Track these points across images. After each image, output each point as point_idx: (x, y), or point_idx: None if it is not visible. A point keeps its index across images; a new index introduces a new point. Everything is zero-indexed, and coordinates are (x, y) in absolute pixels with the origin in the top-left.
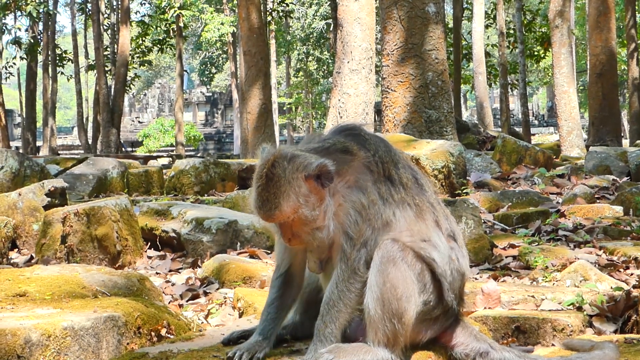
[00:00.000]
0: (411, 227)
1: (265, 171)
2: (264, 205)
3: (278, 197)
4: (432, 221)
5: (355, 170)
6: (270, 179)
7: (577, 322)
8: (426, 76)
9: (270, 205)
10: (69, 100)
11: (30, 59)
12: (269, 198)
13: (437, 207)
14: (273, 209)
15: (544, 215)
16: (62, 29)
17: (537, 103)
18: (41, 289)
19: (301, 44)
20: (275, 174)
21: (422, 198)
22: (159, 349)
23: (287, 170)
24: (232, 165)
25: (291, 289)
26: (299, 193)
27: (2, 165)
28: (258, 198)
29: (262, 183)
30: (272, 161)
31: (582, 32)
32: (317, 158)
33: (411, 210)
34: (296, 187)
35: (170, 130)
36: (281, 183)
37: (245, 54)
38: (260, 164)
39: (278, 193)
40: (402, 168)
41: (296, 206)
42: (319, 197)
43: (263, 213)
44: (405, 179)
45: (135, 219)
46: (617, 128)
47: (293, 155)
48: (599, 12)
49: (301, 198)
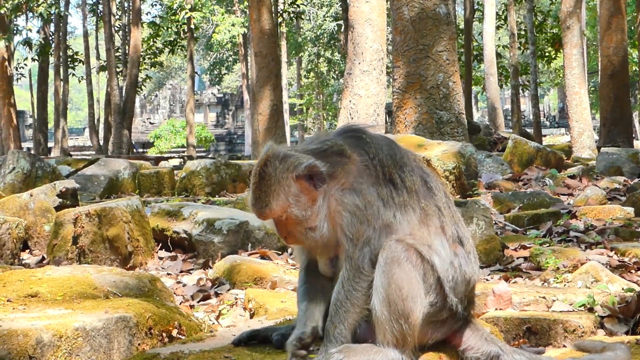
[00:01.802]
0: (414, 232)
1: (258, 169)
2: (257, 203)
3: (268, 196)
4: (436, 227)
5: (351, 172)
6: (262, 178)
7: (589, 324)
8: (437, 77)
9: (261, 203)
10: (81, 101)
11: (42, 60)
12: (260, 196)
13: (445, 211)
14: (264, 207)
15: (555, 217)
16: (74, 30)
17: (548, 104)
18: (53, 290)
19: (312, 45)
20: (266, 173)
21: (429, 202)
22: (170, 349)
23: (278, 170)
24: (243, 166)
25: (317, 277)
26: (288, 193)
27: (14, 166)
28: (252, 195)
29: (255, 181)
30: (264, 160)
31: (594, 33)
32: (309, 159)
33: (415, 214)
34: (285, 187)
35: (182, 131)
36: (272, 182)
37: (256, 55)
38: (257, 162)
39: (269, 191)
40: (409, 171)
41: (285, 205)
42: (310, 198)
43: (255, 210)
44: (410, 182)
45: (146, 219)
46: (629, 129)
47: (285, 155)
48: (610, 13)
49: (291, 197)
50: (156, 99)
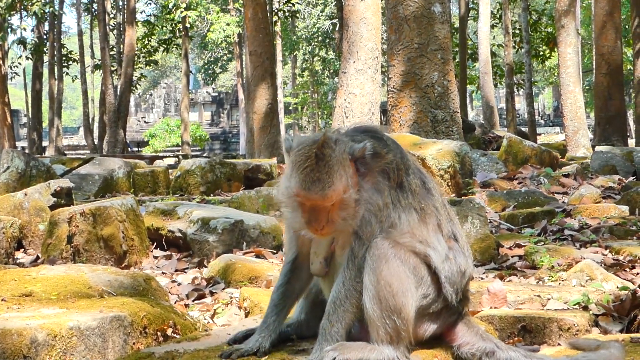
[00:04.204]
0: (413, 231)
1: (315, 151)
2: (316, 185)
3: (331, 176)
4: (434, 225)
5: (376, 172)
6: (321, 159)
7: (583, 322)
8: (432, 76)
9: (323, 185)
10: (75, 100)
11: (36, 59)
12: (320, 177)
13: (441, 210)
14: (327, 187)
15: (550, 215)
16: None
17: (543, 103)
18: (47, 289)
19: (307, 43)
20: (325, 154)
21: (428, 202)
22: (165, 348)
23: (337, 151)
24: (238, 165)
25: (299, 276)
26: (348, 174)
27: (8, 165)
28: (306, 178)
29: (311, 163)
30: (322, 141)
31: (588, 32)
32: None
33: (417, 214)
34: (346, 167)
35: (176, 130)
36: (333, 162)
37: (251, 54)
38: (303, 147)
39: (331, 172)
40: (412, 174)
41: (346, 186)
42: (355, 183)
43: (315, 193)
44: (414, 185)
45: (141, 219)
46: (623, 128)
47: (337, 138)
48: (605, 11)
49: (350, 179)
50: (151, 98)
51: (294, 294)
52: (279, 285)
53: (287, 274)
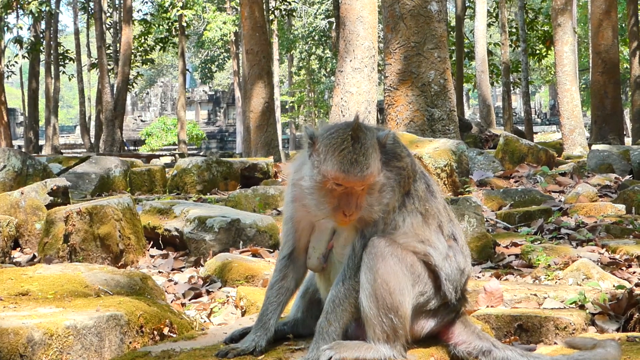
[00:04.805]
0: (415, 231)
1: (351, 134)
2: (354, 166)
3: (368, 159)
4: (435, 225)
5: (391, 173)
6: (357, 141)
7: (580, 321)
8: (429, 75)
9: (362, 166)
10: (72, 99)
11: (33, 58)
12: (358, 159)
13: (442, 212)
14: (365, 169)
15: (546, 214)
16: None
17: (539, 101)
18: (44, 288)
19: (303, 42)
20: (361, 137)
21: (432, 205)
22: (161, 347)
23: (369, 135)
24: (234, 164)
25: (294, 271)
26: (378, 157)
27: (5, 164)
28: (344, 160)
29: (348, 145)
30: (357, 125)
31: (585, 30)
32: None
33: (421, 216)
34: (377, 152)
35: (173, 128)
36: (368, 145)
37: (247, 52)
38: (336, 131)
39: (367, 154)
40: (419, 179)
41: (379, 169)
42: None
43: (354, 175)
44: (420, 191)
45: (137, 217)
46: (620, 126)
47: (366, 125)
48: (602, 10)
49: (380, 163)
50: (147, 97)
51: (290, 290)
52: (274, 282)
53: (282, 270)
